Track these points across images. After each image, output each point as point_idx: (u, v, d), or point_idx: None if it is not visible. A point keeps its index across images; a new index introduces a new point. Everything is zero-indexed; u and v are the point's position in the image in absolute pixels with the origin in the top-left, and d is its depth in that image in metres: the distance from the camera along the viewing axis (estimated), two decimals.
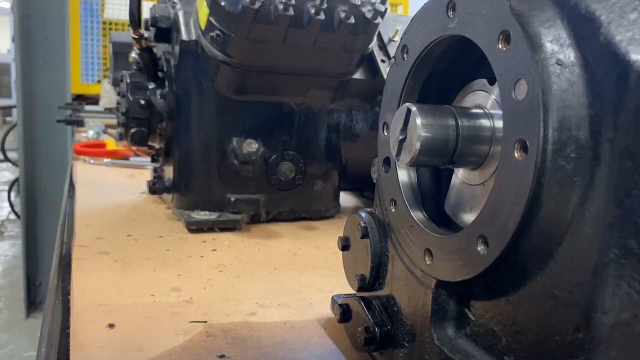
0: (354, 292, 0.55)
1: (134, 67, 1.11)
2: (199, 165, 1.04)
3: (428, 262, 0.42)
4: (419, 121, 0.40)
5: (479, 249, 0.36)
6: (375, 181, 0.52)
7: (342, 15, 0.92)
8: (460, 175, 0.45)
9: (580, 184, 0.32)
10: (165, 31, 1.04)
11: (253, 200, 1.04)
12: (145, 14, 1.12)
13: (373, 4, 0.95)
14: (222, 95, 1.01)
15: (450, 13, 0.40)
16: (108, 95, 2.59)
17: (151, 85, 1.06)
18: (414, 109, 0.41)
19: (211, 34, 0.93)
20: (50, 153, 3.11)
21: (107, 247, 0.86)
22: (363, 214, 0.52)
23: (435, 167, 0.48)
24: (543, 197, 0.32)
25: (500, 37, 0.35)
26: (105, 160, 1.68)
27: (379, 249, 0.50)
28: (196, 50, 0.98)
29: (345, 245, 0.56)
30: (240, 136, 1.03)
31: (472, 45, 0.38)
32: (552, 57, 0.32)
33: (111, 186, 1.35)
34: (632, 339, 0.31)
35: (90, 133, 2.13)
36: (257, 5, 0.86)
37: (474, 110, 0.42)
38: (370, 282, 0.51)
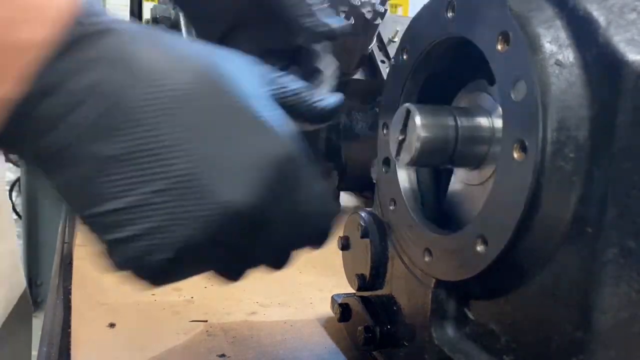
0: (354, 291, 0.55)
1: None
2: None
3: (427, 262, 0.42)
4: (418, 121, 0.40)
5: (478, 248, 0.37)
6: (375, 181, 0.52)
7: (342, 15, 0.92)
8: (459, 175, 0.45)
9: (580, 184, 0.32)
10: None
11: None
12: (146, 14, 1.12)
13: (373, 5, 0.95)
14: None
15: (450, 14, 0.40)
16: None
17: None
18: (413, 109, 0.41)
19: None
20: None
21: None
22: (363, 214, 0.52)
23: (435, 167, 0.48)
24: (542, 197, 0.32)
25: (500, 38, 0.35)
26: None
27: (379, 249, 0.50)
28: None
29: (345, 245, 0.56)
30: None
31: (471, 45, 0.38)
32: (551, 58, 0.32)
33: None
34: (630, 339, 0.31)
35: None
36: None
37: (474, 111, 0.42)
38: (370, 281, 0.51)
